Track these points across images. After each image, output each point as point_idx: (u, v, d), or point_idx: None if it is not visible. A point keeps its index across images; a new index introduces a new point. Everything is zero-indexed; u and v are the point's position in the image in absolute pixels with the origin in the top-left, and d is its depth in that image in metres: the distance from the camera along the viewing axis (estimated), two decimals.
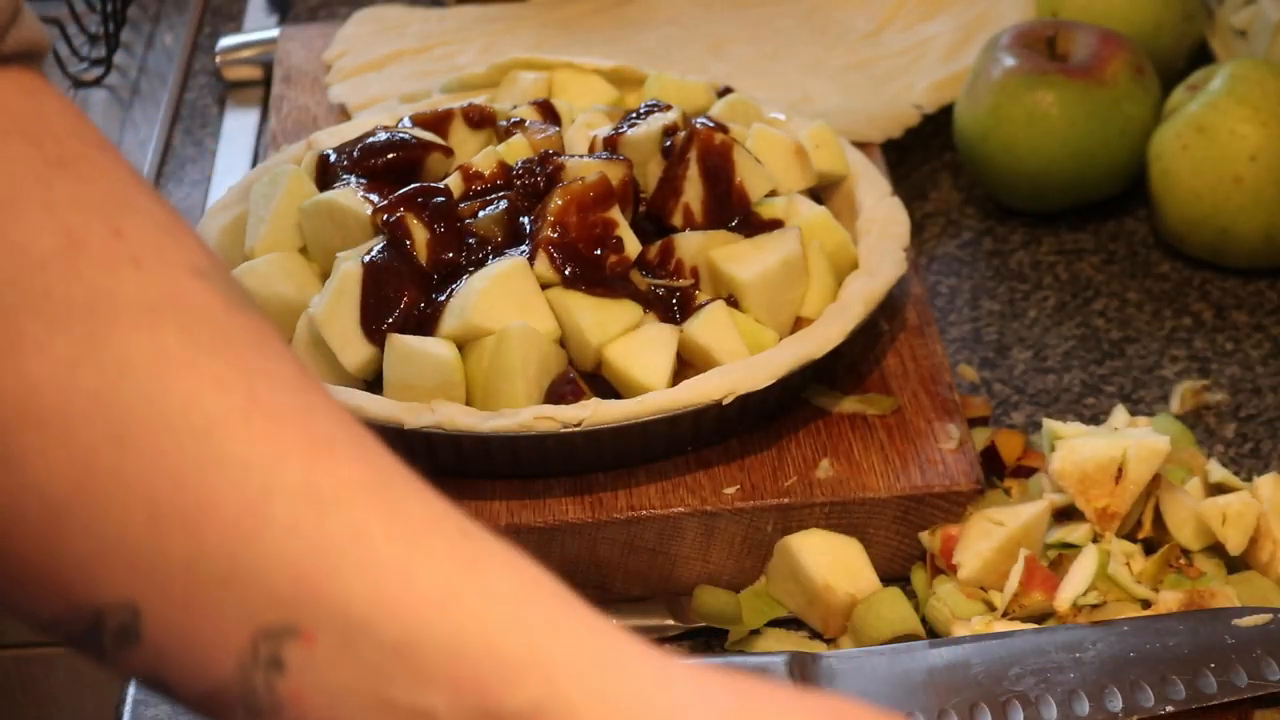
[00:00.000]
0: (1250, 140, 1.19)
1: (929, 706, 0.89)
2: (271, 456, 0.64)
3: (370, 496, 0.64)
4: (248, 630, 0.62)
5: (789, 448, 1.02)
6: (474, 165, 1.08)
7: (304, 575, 0.62)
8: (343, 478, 0.64)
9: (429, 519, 0.65)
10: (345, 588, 0.62)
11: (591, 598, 1.00)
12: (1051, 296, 1.22)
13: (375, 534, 0.63)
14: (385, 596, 0.62)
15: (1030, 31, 1.28)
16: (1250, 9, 1.34)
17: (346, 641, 0.62)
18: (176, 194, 1.39)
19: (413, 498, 0.65)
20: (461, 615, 0.62)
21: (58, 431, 0.63)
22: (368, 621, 0.62)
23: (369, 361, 1.01)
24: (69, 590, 0.64)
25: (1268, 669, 0.90)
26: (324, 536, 0.63)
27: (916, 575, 1.00)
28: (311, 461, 0.64)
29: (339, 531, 0.63)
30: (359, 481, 0.64)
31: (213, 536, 0.63)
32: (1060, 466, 0.98)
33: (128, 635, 0.64)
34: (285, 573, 0.62)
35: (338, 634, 0.62)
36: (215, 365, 0.65)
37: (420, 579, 0.62)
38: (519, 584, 0.64)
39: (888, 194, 1.12)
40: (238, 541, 0.63)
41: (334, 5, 1.60)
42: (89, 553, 0.63)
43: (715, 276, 1.04)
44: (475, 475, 1.00)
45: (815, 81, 1.35)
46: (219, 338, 0.66)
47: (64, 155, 0.68)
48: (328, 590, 0.62)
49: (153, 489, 0.63)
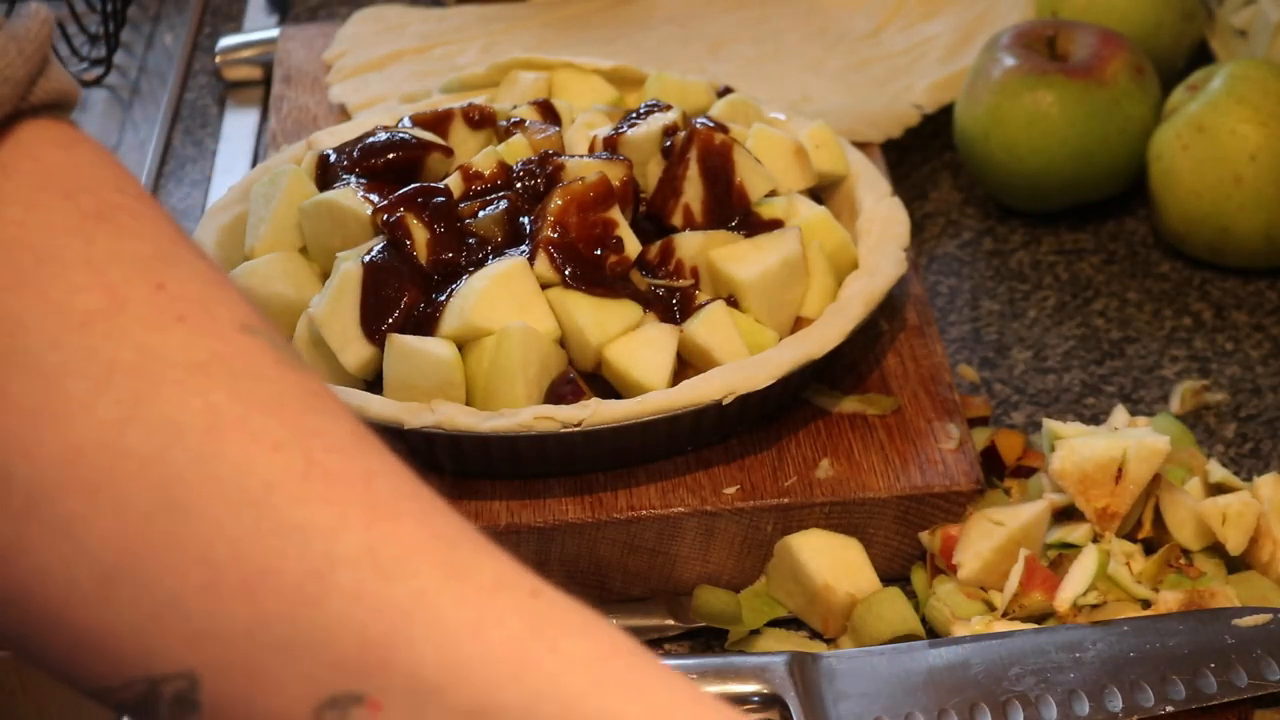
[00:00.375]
0: (1250, 140, 1.19)
1: (929, 706, 0.89)
2: (332, 521, 0.62)
3: (435, 559, 0.62)
4: (312, 700, 0.61)
5: (789, 448, 1.02)
6: (474, 165, 1.08)
7: (370, 642, 0.60)
8: (406, 542, 0.62)
9: (496, 579, 0.62)
10: (414, 654, 0.60)
11: (591, 598, 1.00)
12: (1051, 296, 1.22)
13: (443, 598, 0.61)
14: (456, 662, 0.60)
15: (1030, 31, 1.28)
16: (1250, 9, 1.34)
17: (416, 710, 0.60)
18: (176, 194, 1.39)
19: (479, 558, 0.63)
20: (536, 680, 0.60)
21: (108, 496, 0.62)
22: (438, 688, 0.60)
23: (369, 361, 1.01)
24: (123, 659, 0.62)
25: (1268, 669, 0.90)
26: (389, 602, 0.61)
27: (916, 575, 1.00)
28: (373, 525, 0.62)
29: (405, 597, 0.61)
30: (423, 545, 0.62)
31: (273, 604, 0.61)
32: (1060, 466, 0.98)
33: (186, 704, 0.62)
34: (350, 640, 0.60)
35: (407, 702, 0.60)
36: (269, 426, 0.63)
37: (492, 643, 0.60)
38: (594, 644, 0.62)
39: (888, 194, 1.12)
40: (300, 609, 0.61)
41: (334, 5, 1.60)
42: (144, 621, 0.62)
43: (715, 276, 1.04)
44: (475, 475, 1.00)
45: (815, 81, 1.35)
46: (271, 397, 0.64)
47: (102, 208, 0.66)
48: (396, 657, 0.60)
49: (209, 556, 0.61)
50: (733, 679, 0.91)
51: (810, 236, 1.06)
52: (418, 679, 0.60)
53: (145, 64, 1.55)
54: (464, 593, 0.62)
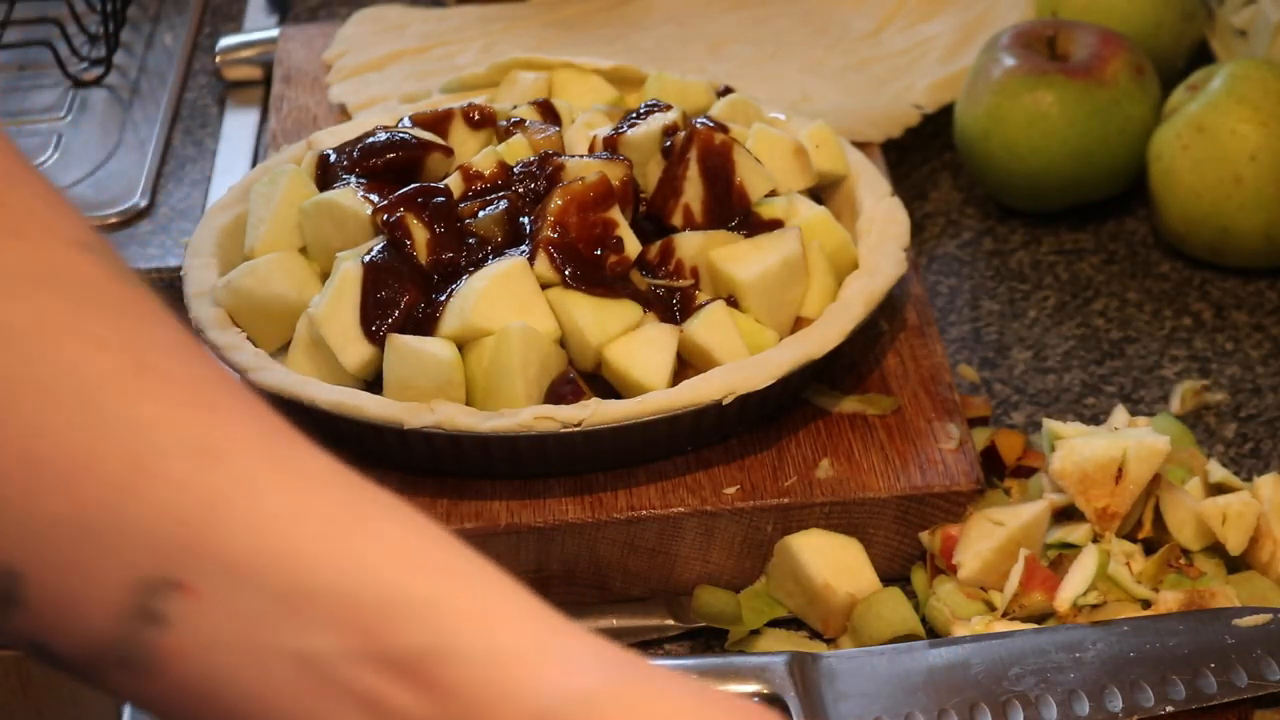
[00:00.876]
0: (1250, 140, 1.19)
1: (929, 706, 0.89)
2: (157, 415, 0.63)
3: (259, 451, 0.63)
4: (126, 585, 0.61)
5: (789, 448, 1.02)
6: (474, 165, 1.08)
7: (188, 527, 0.61)
8: (230, 434, 0.63)
9: (318, 472, 0.64)
10: (231, 537, 0.61)
11: (591, 598, 1.01)
12: (1051, 296, 1.22)
13: (265, 486, 0.62)
14: (273, 545, 0.61)
15: (1030, 31, 1.28)
16: (1250, 9, 1.34)
17: (232, 592, 0.61)
18: (176, 194, 1.39)
19: (302, 452, 0.64)
20: (351, 560, 0.61)
21: None
22: (254, 570, 0.61)
23: (369, 361, 1.01)
24: None
25: (1268, 669, 0.90)
26: (210, 489, 0.62)
27: (916, 575, 1.00)
28: (198, 419, 0.63)
29: (225, 483, 0.62)
30: (248, 438, 0.63)
31: (94, 495, 0.62)
32: (1060, 466, 0.98)
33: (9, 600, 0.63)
34: (168, 526, 0.61)
35: (224, 585, 0.61)
36: (99, 330, 0.64)
37: (310, 527, 0.62)
38: (409, 531, 0.63)
39: (888, 194, 1.12)
40: (120, 498, 0.62)
41: (334, 5, 1.60)
42: None
43: (715, 276, 1.04)
44: (475, 475, 1.00)
45: (815, 81, 1.35)
46: (103, 306, 0.65)
47: None
48: (212, 541, 0.61)
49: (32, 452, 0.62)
50: (733, 679, 0.91)
51: (810, 236, 1.06)
52: (235, 563, 0.61)
53: (145, 64, 1.54)
54: (285, 482, 0.63)
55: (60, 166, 1.42)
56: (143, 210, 1.37)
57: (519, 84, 1.21)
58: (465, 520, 0.98)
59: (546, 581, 1.00)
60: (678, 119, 1.09)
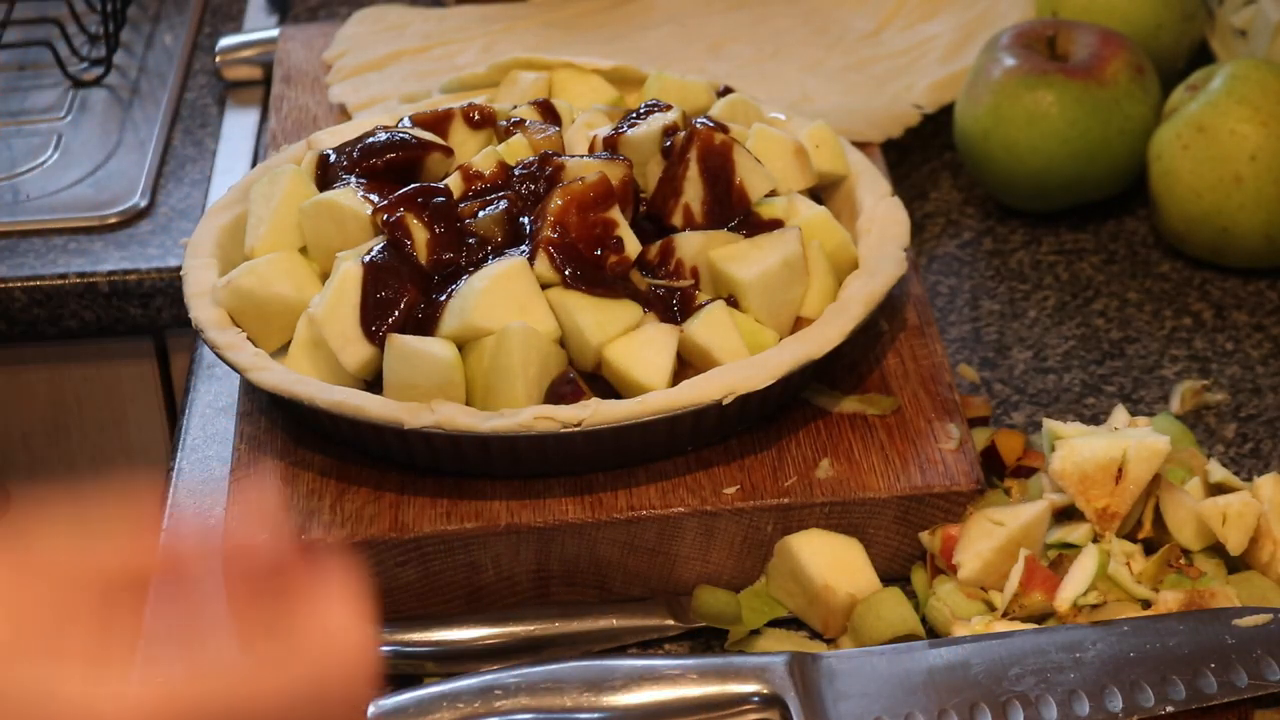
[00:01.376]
0: (1250, 140, 1.19)
1: (929, 706, 0.89)
2: None
3: None
4: None
5: (789, 448, 1.02)
6: (474, 165, 1.08)
7: None
8: None
9: None
10: None
11: (591, 598, 1.00)
12: (1051, 296, 1.22)
13: None
14: None
15: (1030, 31, 1.28)
16: (1250, 9, 1.34)
17: None
18: (176, 194, 1.39)
19: None
20: None
21: None
22: None
23: (369, 361, 1.01)
24: None
25: (1268, 669, 0.90)
26: None
27: (916, 575, 1.00)
28: None
29: None
30: None
31: None
32: (1060, 466, 0.98)
33: None
34: None
35: None
36: None
37: None
38: None
39: (888, 194, 1.12)
40: None
41: (334, 5, 1.60)
42: None
43: (715, 276, 1.04)
44: (475, 475, 1.00)
45: (815, 81, 1.35)
46: None
47: None
48: None
49: None
50: (733, 679, 0.91)
51: (810, 236, 1.06)
52: None
53: (145, 64, 1.55)
54: None
55: (60, 166, 1.42)
56: (143, 210, 1.37)
57: (519, 84, 1.21)
58: (465, 520, 0.98)
59: (546, 581, 1.00)
60: (678, 119, 1.09)
